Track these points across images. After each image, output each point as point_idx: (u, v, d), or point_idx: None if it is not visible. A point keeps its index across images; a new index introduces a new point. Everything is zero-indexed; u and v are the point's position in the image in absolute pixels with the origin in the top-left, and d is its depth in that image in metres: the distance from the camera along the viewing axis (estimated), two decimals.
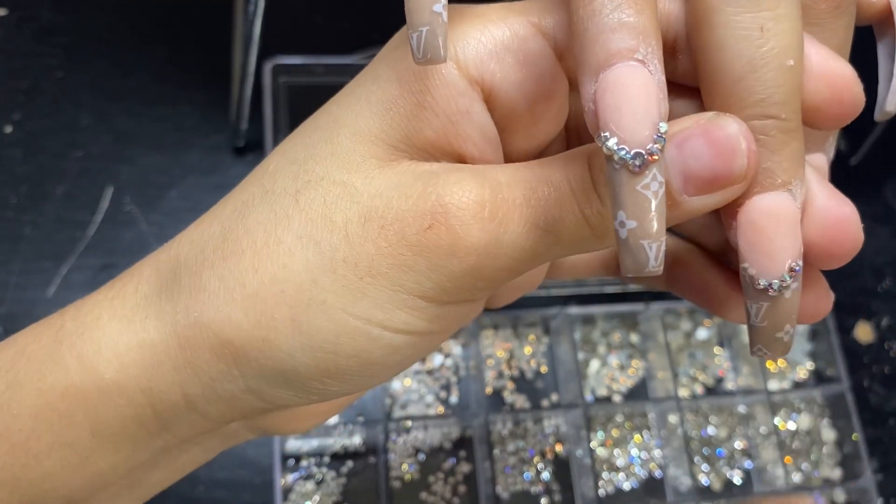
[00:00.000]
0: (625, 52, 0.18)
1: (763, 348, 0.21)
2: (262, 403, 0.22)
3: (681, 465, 0.52)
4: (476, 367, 0.52)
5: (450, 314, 0.21)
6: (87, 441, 0.22)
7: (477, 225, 0.20)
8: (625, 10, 0.18)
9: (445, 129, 0.21)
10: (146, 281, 0.23)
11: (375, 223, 0.20)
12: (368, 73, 0.22)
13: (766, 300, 0.20)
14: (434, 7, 0.18)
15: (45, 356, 0.23)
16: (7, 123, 0.52)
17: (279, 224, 0.21)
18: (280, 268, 0.21)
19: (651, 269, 0.18)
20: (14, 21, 0.55)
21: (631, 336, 0.56)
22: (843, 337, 0.57)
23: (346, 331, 0.20)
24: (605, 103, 0.18)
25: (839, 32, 0.21)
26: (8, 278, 0.49)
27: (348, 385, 0.22)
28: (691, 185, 0.19)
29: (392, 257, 0.20)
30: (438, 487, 0.49)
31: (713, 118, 0.19)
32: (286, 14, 0.57)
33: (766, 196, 0.20)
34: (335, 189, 0.21)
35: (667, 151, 0.19)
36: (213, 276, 0.21)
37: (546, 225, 0.20)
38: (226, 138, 0.54)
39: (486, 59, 0.21)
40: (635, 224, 0.18)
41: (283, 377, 0.21)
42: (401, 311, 0.20)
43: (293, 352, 0.21)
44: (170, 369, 0.22)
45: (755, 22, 0.19)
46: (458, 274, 0.20)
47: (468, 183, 0.20)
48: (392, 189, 0.20)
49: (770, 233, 0.19)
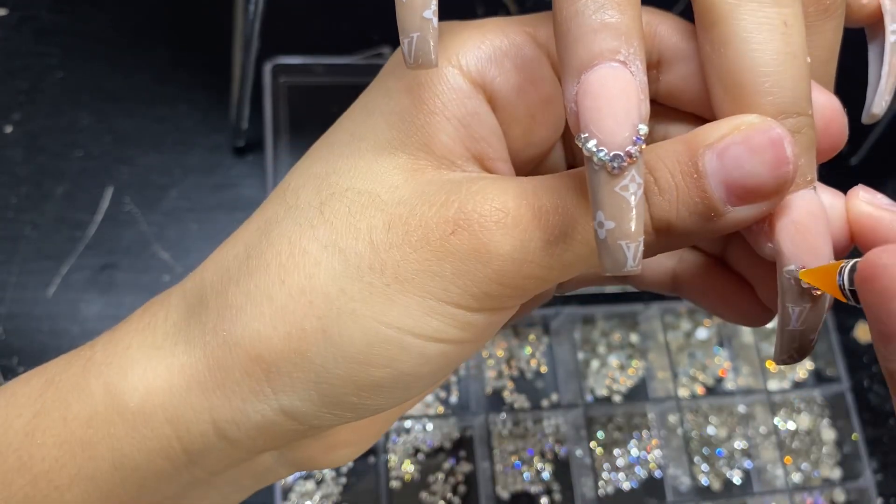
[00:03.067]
0: (606, 53, 0.18)
1: (796, 353, 0.21)
2: (295, 425, 0.22)
3: (680, 465, 0.52)
4: (476, 367, 0.52)
5: (481, 322, 0.21)
6: (109, 475, 0.22)
7: (500, 231, 0.19)
8: (607, 11, 0.18)
9: (459, 132, 0.21)
10: (174, 309, 0.23)
11: (400, 229, 0.20)
12: (378, 87, 0.22)
13: (811, 301, 0.20)
14: (424, 13, 0.19)
15: (72, 385, 0.22)
16: (7, 123, 0.52)
17: (304, 235, 0.21)
18: (307, 278, 0.20)
19: (629, 269, 0.18)
20: (14, 21, 0.55)
21: (631, 336, 0.56)
22: (843, 337, 0.57)
23: (377, 340, 0.20)
24: (586, 105, 0.18)
25: (828, 35, 0.21)
26: (8, 278, 0.49)
27: (382, 398, 0.21)
28: (735, 195, 0.19)
29: (417, 262, 0.20)
30: (438, 487, 0.49)
31: (754, 122, 0.19)
32: (286, 14, 0.57)
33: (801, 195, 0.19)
34: (360, 199, 0.21)
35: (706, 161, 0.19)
36: (240, 293, 0.21)
37: (576, 234, 0.20)
38: (226, 138, 0.54)
39: (486, 65, 0.21)
40: (613, 224, 0.18)
41: (316, 392, 0.21)
42: (431, 319, 0.20)
43: (326, 363, 0.20)
44: (198, 394, 0.21)
45: (779, 17, 0.19)
46: (484, 280, 0.20)
47: (490, 191, 0.20)
48: (416, 197, 0.20)
49: (813, 231, 0.19)
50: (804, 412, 0.56)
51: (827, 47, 0.21)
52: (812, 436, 0.55)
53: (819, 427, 0.55)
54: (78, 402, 0.22)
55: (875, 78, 0.24)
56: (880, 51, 0.24)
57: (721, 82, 0.20)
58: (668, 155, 0.19)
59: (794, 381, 0.56)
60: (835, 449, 0.55)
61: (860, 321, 0.58)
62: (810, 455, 0.55)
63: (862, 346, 0.58)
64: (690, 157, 0.19)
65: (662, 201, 0.19)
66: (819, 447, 0.55)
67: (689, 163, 0.19)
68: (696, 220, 0.19)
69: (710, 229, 0.19)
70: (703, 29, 0.20)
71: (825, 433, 0.55)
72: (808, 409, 0.56)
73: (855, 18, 0.24)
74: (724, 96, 0.20)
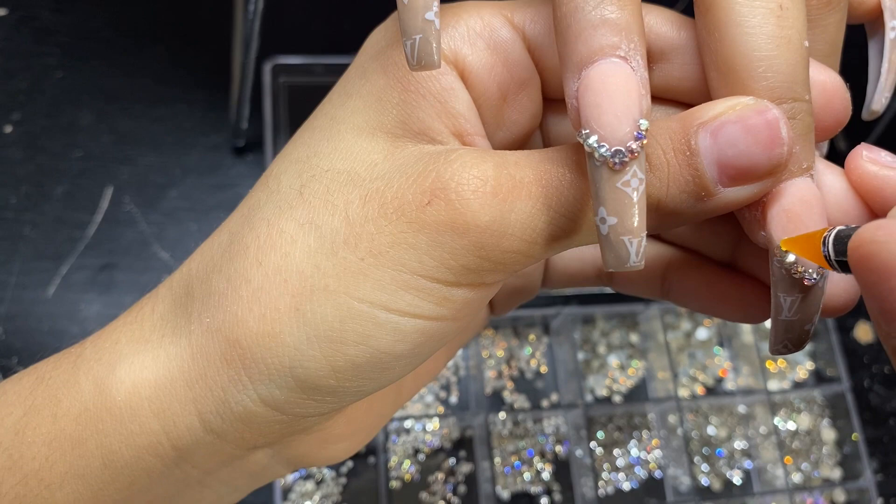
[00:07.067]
0: (607, 48, 0.18)
1: (790, 343, 0.21)
2: (278, 416, 0.21)
3: (680, 465, 0.52)
4: (476, 367, 0.52)
5: (458, 298, 0.20)
6: (98, 472, 0.22)
7: (478, 200, 0.19)
8: (607, 7, 0.18)
9: (436, 109, 0.21)
10: (162, 301, 0.23)
11: (376, 202, 0.20)
12: (355, 70, 0.22)
13: (803, 291, 0.20)
14: (426, 15, 0.19)
15: (62, 382, 0.22)
16: (7, 123, 0.52)
17: (283, 216, 0.21)
18: (283, 257, 0.20)
19: (632, 265, 0.18)
20: (14, 21, 0.55)
21: (631, 336, 0.56)
22: (843, 337, 0.57)
23: (350, 316, 0.20)
24: (587, 101, 0.18)
25: (831, 28, 0.21)
26: (8, 278, 0.49)
27: (360, 379, 0.21)
28: (727, 175, 0.19)
29: (393, 235, 0.19)
30: (438, 487, 0.49)
31: (750, 103, 0.18)
32: (286, 14, 0.57)
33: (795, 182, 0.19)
34: (339, 178, 0.21)
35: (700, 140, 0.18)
36: (222, 278, 0.21)
37: (561, 207, 0.19)
38: (226, 138, 0.54)
39: (459, 44, 0.21)
40: (616, 220, 0.18)
41: (291, 376, 0.20)
42: (405, 293, 0.20)
43: (299, 345, 0.20)
44: (183, 386, 0.21)
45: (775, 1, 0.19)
46: (462, 252, 0.19)
47: (468, 159, 0.19)
48: (394, 171, 0.20)
49: (805, 220, 0.19)
50: (804, 412, 0.56)
51: (830, 41, 0.21)
52: (812, 436, 0.55)
53: (819, 427, 0.55)
54: (67, 398, 0.22)
55: (875, 74, 0.24)
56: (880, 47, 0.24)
57: (716, 67, 0.19)
58: (661, 132, 0.19)
59: (795, 381, 0.56)
60: (835, 449, 0.55)
61: (860, 321, 0.58)
62: (810, 455, 0.55)
63: (862, 346, 0.58)
64: (684, 134, 0.19)
65: (654, 178, 0.19)
66: (819, 447, 0.55)
67: (682, 140, 0.19)
68: (686, 199, 0.19)
69: (699, 210, 0.19)
70: (699, 13, 0.20)
71: (825, 433, 0.55)
72: (808, 409, 0.56)
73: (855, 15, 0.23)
74: (719, 81, 0.20)
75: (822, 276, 0.19)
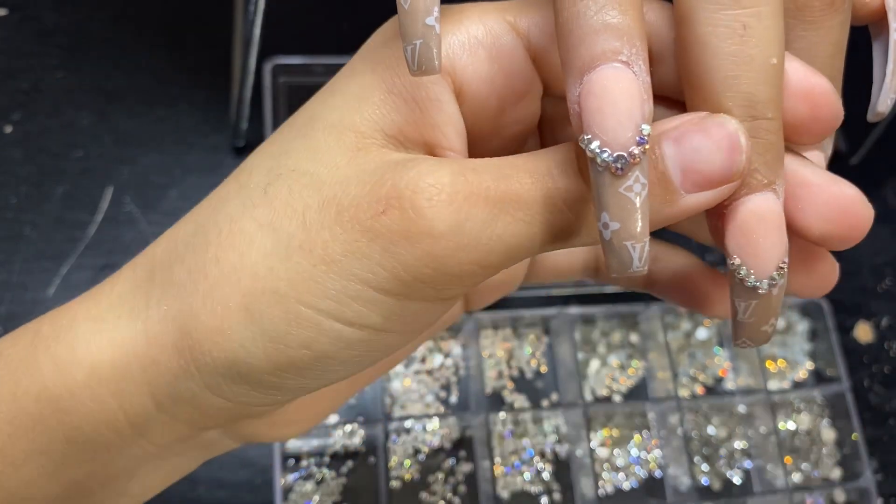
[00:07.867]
0: (609, 53, 0.18)
1: (748, 340, 0.21)
2: (228, 404, 0.22)
3: (681, 465, 0.52)
4: (476, 367, 0.52)
5: (409, 311, 0.20)
6: (61, 447, 0.22)
7: (432, 209, 0.19)
8: (609, 12, 0.18)
9: (415, 116, 0.21)
10: (122, 281, 0.23)
11: (333, 209, 0.20)
12: (345, 69, 0.22)
13: (756, 298, 0.20)
14: (427, 20, 0.18)
15: (20, 360, 0.22)
16: (7, 123, 0.52)
17: (245, 214, 0.21)
18: (239, 256, 0.20)
19: (635, 270, 0.18)
20: (14, 21, 0.55)
21: (631, 336, 0.56)
22: (843, 337, 0.57)
23: (296, 320, 0.20)
24: (589, 106, 0.18)
25: (834, 31, 0.21)
26: (8, 278, 0.49)
27: (305, 379, 0.21)
28: (690, 181, 0.19)
29: (346, 244, 0.19)
30: (438, 487, 0.49)
31: (709, 116, 0.19)
32: (286, 14, 0.57)
33: (753, 197, 0.19)
34: (302, 179, 0.20)
35: (664, 147, 0.19)
36: (183, 269, 0.21)
37: (524, 215, 0.19)
38: (226, 138, 0.54)
39: (458, 52, 0.21)
40: (619, 225, 0.18)
41: (236, 371, 0.21)
42: (353, 303, 0.20)
43: (244, 342, 0.20)
44: (138, 369, 0.21)
45: (737, 19, 0.19)
46: (415, 263, 0.19)
47: (425, 167, 0.19)
48: (354, 177, 0.20)
49: (760, 234, 0.19)
50: (804, 412, 0.56)
51: (833, 42, 0.21)
52: (812, 436, 0.55)
53: (819, 427, 0.55)
54: (26, 377, 0.22)
55: (880, 76, 0.24)
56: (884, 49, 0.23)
57: (687, 82, 0.20)
58: None
59: (794, 381, 0.57)
60: (835, 449, 0.55)
61: (860, 321, 0.58)
62: (810, 455, 0.55)
63: (862, 346, 0.58)
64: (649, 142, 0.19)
65: None
66: (819, 447, 0.55)
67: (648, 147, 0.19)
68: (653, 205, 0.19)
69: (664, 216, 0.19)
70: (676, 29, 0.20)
71: (825, 433, 0.55)
72: (808, 409, 0.56)
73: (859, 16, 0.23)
74: (689, 95, 0.20)
75: (775, 285, 0.20)
